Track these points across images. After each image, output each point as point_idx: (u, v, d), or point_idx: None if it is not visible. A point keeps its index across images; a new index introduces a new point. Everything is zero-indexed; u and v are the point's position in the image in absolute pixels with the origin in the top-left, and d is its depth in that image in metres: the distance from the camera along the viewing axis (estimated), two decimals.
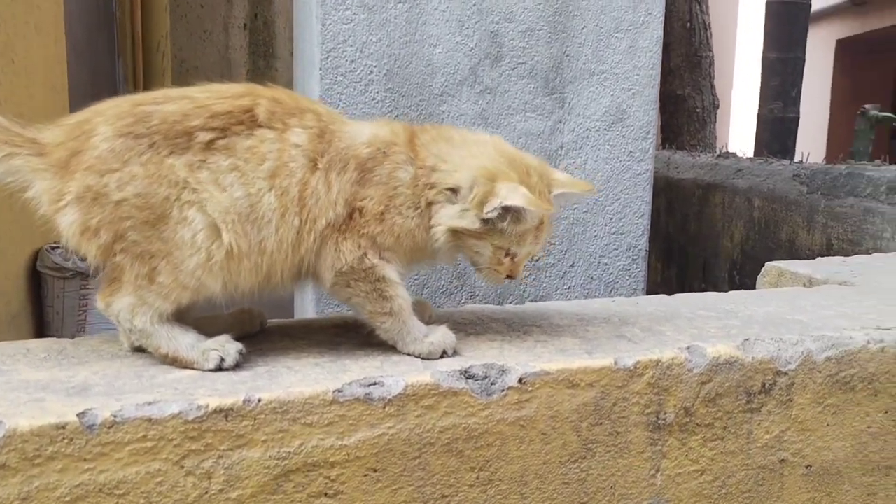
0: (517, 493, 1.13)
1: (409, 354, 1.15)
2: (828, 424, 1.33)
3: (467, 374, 1.10)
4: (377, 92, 2.09)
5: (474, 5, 2.11)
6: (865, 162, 3.67)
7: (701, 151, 5.74)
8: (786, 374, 1.29)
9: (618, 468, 1.19)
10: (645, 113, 2.28)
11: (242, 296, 1.13)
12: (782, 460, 1.31)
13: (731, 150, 5.66)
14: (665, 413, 1.21)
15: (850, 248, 3.19)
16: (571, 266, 2.31)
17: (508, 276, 1.22)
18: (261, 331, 1.24)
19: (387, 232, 1.13)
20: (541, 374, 1.12)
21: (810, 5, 5.85)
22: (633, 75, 2.25)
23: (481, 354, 1.16)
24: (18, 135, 1.05)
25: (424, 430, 1.06)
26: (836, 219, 3.32)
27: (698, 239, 4.65)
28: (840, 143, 8.33)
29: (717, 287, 4.47)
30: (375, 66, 2.07)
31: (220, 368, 1.07)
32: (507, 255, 1.20)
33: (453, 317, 1.37)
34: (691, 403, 1.23)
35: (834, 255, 3.41)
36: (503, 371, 1.12)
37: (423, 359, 1.14)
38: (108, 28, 6.15)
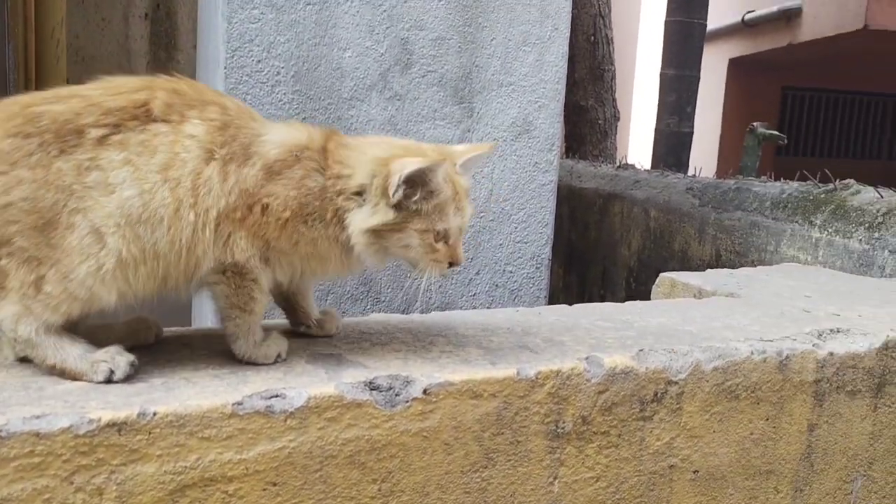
0: None
1: (242, 357, 1.14)
2: (714, 431, 1.40)
3: (372, 386, 1.10)
4: (284, 94, 2.05)
5: (385, 11, 2.11)
6: (753, 178, 3.88)
7: (602, 162, 5.93)
8: (676, 383, 1.35)
9: (517, 476, 1.22)
10: (550, 125, 2.34)
11: (140, 302, 1.09)
12: (672, 466, 1.37)
13: (630, 161, 5.87)
14: (564, 422, 1.25)
15: (737, 259, 3.36)
16: (477, 273, 2.34)
17: (451, 264, 1.18)
18: (156, 341, 1.20)
19: (285, 238, 1.11)
20: (445, 384, 1.14)
21: (706, 25, 6.13)
22: (539, 88, 2.30)
23: (386, 365, 1.16)
24: None
25: (327, 442, 1.05)
26: (725, 231, 3.50)
27: (598, 246, 4.80)
28: (730, 158, 8.77)
29: (614, 293, 4.63)
30: (283, 68, 2.04)
31: (109, 381, 1.02)
32: (437, 237, 1.15)
33: (359, 326, 1.36)
34: (589, 412, 1.27)
35: (723, 266, 3.59)
36: (408, 382, 1.12)
37: (254, 363, 1.13)
38: None
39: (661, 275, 2.21)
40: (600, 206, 4.83)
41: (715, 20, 9.54)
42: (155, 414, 0.95)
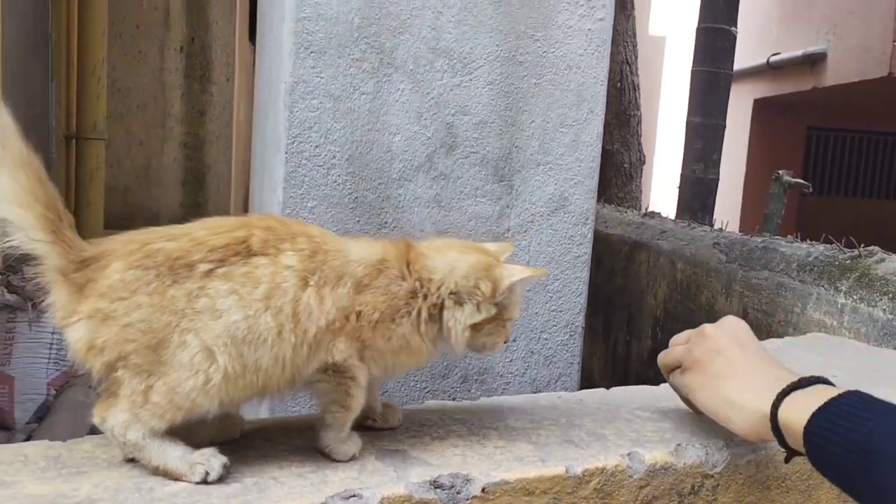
0: None
1: (324, 447, 1.27)
2: None
3: (436, 484, 1.22)
4: (339, 175, 2.20)
5: (432, 98, 2.25)
6: (780, 237, 3.97)
7: (628, 206, 6.05)
8: (712, 476, 1.45)
9: None
10: (585, 201, 2.46)
11: (236, 408, 1.22)
12: None
13: (654, 206, 5.98)
14: None
15: (763, 318, 3.45)
16: (514, 340, 2.45)
17: (504, 342, 1.38)
18: (241, 435, 1.33)
19: (378, 336, 1.25)
20: (501, 483, 1.25)
21: (731, 75, 6.26)
22: (575, 167, 2.43)
23: (447, 463, 1.28)
24: (65, 241, 1.15)
25: None
26: (752, 289, 3.59)
27: (624, 293, 4.90)
28: (756, 199, 8.84)
29: (640, 340, 4.71)
30: (338, 152, 2.19)
31: (205, 482, 1.15)
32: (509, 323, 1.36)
33: (417, 417, 1.48)
34: None
35: (749, 323, 3.68)
36: (468, 481, 1.24)
37: (332, 458, 1.26)
38: (43, 50, 6.06)
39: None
40: (626, 254, 4.93)
41: (741, 61, 9.67)
42: None
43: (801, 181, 5.91)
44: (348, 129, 2.19)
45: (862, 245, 3.16)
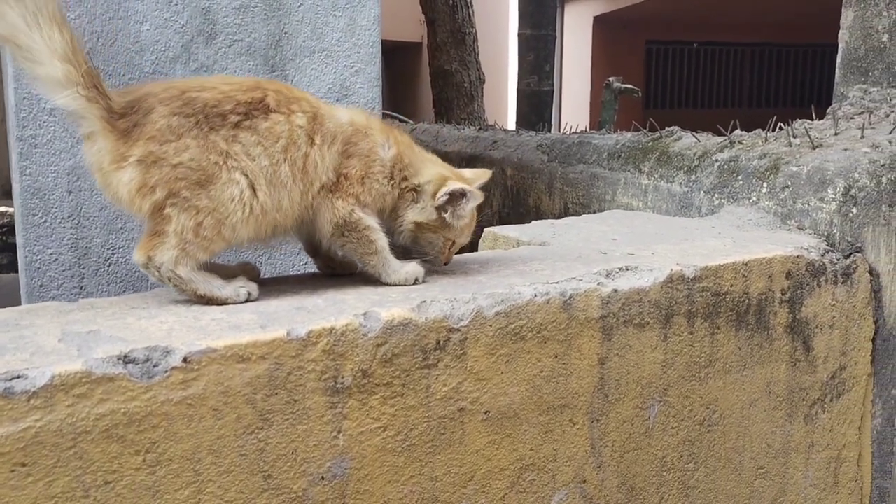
0: (190, 471, 1.15)
1: (391, 284, 1.50)
2: (502, 372, 1.47)
3: (127, 359, 1.09)
4: None
5: None
6: (594, 131, 4.02)
7: (469, 125, 6.00)
8: (458, 330, 1.40)
9: (297, 434, 1.24)
10: (369, 90, 2.35)
11: (254, 244, 1.46)
12: (461, 409, 1.43)
13: (501, 123, 5.97)
14: (343, 377, 1.28)
15: (581, 210, 3.49)
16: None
17: (445, 263, 1.62)
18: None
19: (366, 192, 1.47)
20: (207, 351, 1.14)
21: None
22: (353, 53, 2.30)
23: (146, 338, 1.16)
24: (104, 93, 1.27)
25: (78, 419, 1.04)
26: (570, 184, 3.62)
27: None
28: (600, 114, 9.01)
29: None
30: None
31: (247, 300, 1.37)
32: (451, 245, 1.60)
33: (129, 301, 1.35)
34: (368, 366, 1.30)
35: (569, 217, 3.73)
36: (167, 352, 1.12)
37: (400, 285, 1.50)
38: None
39: (486, 229, 2.28)
40: (462, 168, 4.88)
41: None
42: None
43: (631, 86, 6.04)
44: (85, 19, 1.96)
45: (665, 128, 3.22)
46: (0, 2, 1.17)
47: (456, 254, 1.69)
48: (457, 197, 1.54)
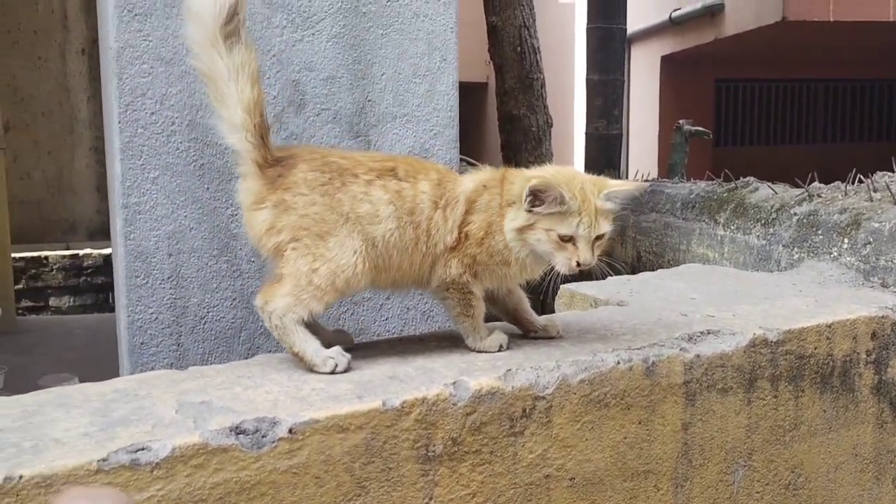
0: None
1: (476, 350, 1.56)
2: (586, 439, 1.50)
3: (238, 430, 1.17)
4: (180, 142, 2.12)
5: (273, 56, 2.19)
6: (667, 180, 4.01)
7: None
8: (544, 398, 1.44)
9: (392, 501, 1.30)
10: (447, 151, 2.43)
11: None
12: (547, 476, 1.46)
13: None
14: (434, 445, 1.33)
15: (654, 259, 3.49)
16: (387, 298, 2.42)
17: (578, 264, 1.49)
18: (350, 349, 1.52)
19: (484, 252, 1.53)
20: (310, 422, 1.21)
21: (625, 30, 6.30)
22: (433, 117, 2.39)
23: (254, 408, 1.24)
24: (266, 144, 1.47)
25: (195, 488, 1.12)
26: (643, 233, 3.63)
27: None
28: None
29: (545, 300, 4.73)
30: (177, 117, 2.10)
31: (333, 372, 1.41)
32: (562, 238, 1.47)
33: (238, 369, 1.43)
34: (458, 434, 1.35)
35: (643, 266, 3.72)
36: (274, 423, 1.20)
37: (484, 352, 1.55)
38: None
39: (562, 287, 2.31)
40: None
41: (644, 20, 9.78)
42: (21, 477, 1.01)
43: (701, 129, 6.00)
44: (185, 94, 2.10)
45: (741, 178, 3.21)
46: (214, 52, 1.42)
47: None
48: (538, 192, 1.46)
